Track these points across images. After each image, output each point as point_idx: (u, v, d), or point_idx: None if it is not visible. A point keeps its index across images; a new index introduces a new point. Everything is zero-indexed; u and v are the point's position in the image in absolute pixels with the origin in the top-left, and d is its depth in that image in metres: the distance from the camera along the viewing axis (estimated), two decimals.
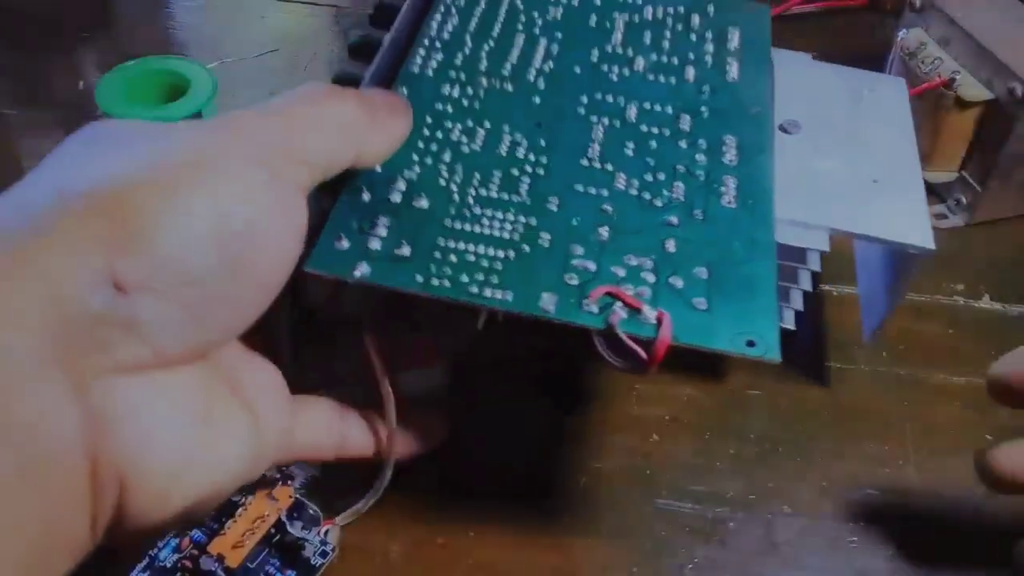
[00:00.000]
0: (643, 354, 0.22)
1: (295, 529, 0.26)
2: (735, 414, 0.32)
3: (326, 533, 0.26)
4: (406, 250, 0.23)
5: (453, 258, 0.23)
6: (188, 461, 0.20)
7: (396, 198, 0.25)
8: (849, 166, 0.29)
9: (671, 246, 0.24)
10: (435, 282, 0.23)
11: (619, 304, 0.23)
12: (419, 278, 0.23)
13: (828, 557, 0.29)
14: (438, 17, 0.31)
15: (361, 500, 0.26)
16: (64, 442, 0.17)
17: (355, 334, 0.24)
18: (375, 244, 0.23)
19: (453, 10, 0.32)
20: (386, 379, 0.25)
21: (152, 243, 0.18)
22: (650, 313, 0.22)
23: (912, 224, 0.28)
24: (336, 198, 0.24)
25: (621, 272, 0.23)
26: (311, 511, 0.26)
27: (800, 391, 0.33)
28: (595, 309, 0.22)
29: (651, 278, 0.23)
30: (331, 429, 0.26)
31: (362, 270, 0.23)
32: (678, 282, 0.23)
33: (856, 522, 0.30)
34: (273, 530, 0.26)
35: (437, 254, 0.23)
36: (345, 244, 0.23)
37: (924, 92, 0.38)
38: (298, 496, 0.27)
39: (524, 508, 0.29)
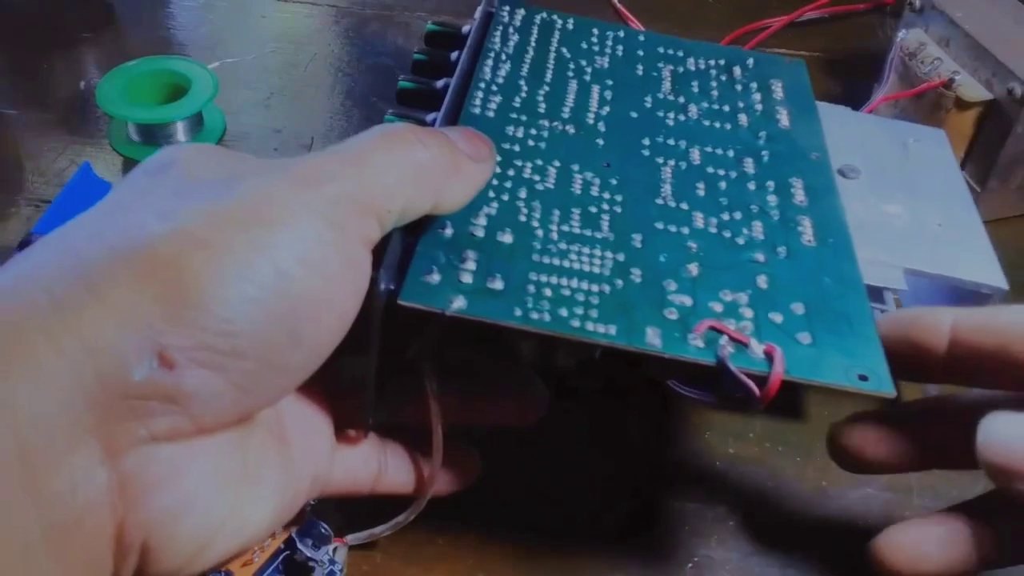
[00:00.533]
0: (756, 390, 0.21)
1: (305, 547, 0.25)
2: (735, 414, 0.32)
3: (335, 551, 0.26)
4: (499, 284, 0.23)
5: (548, 292, 0.23)
6: (218, 527, 0.19)
7: (479, 233, 0.24)
8: (912, 210, 0.30)
9: (763, 282, 0.24)
10: (535, 316, 0.22)
11: (725, 338, 0.22)
12: (518, 311, 0.22)
13: (828, 557, 0.29)
14: (489, 63, 0.31)
15: (380, 525, 0.26)
16: (91, 509, 0.17)
17: (414, 373, 0.24)
18: (466, 278, 0.23)
19: (503, 56, 0.32)
20: (440, 421, 0.24)
21: (204, 315, 0.17)
22: (757, 347, 0.22)
23: (983, 265, 0.29)
24: (415, 233, 0.23)
25: (718, 307, 0.23)
26: (322, 529, 0.26)
27: (800, 391, 0.33)
28: (701, 343, 0.22)
29: (749, 313, 0.23)
30: (368, 466, 0.25)
31: (459, 303, 0.22)
32: (777, 317, 0.23)
33: (857, 522, 0.29)
34: (283, 546, 0.26)
35: (531, 287, 0.23)
36: (436, 277, 0.22)
37: (924, 92, 0.38)
38: (310, 514, 0.26)
39: (523, 509, 0.29)
